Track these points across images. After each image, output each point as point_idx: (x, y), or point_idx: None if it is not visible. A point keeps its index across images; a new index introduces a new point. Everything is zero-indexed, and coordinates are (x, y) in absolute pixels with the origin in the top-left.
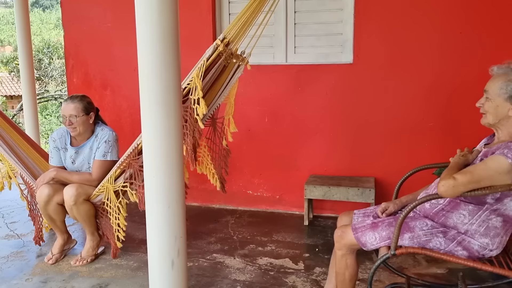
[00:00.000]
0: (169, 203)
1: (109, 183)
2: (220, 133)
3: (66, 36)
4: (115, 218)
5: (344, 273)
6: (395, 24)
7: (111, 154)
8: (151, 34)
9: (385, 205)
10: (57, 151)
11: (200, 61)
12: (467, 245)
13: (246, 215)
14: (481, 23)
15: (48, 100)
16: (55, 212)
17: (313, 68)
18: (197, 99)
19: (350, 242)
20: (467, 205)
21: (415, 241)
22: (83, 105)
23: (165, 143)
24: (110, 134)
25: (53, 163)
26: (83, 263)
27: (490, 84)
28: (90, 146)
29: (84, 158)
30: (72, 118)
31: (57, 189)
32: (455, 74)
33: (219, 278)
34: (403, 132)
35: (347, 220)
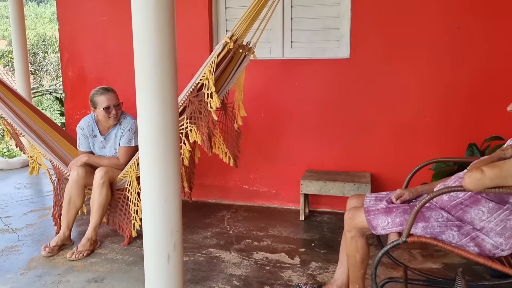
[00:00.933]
0: (165, 197)
1: (132, 169)
2: (231, 116)
3: (61, 29)
4: (134, 204)
5: (355, 255)
6: (392, 19)
7: (134, 140)
8: (148, 28)
9: (401, 192)
10: (86, 138)
11: (211, 58)
12: (480, 242)
13: (242, 210)
14: (478, 18)
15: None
16: (78, 193)
17: (309, 63)
18: (210, 93)
19: (361, 224)
20: (488, 202)
21: (428, 231)
22: (117, 93)
23: (161, 137)
24: (132, 122)
25: (82, 149)
26: (78, 256)
27: None
28: (115, 133)
29: (111, 145)
30: (117, 106)
31: (88, 171)
32: (451, 69)
33: (215, 272)
34: (399, 127)
35: (357, 202)
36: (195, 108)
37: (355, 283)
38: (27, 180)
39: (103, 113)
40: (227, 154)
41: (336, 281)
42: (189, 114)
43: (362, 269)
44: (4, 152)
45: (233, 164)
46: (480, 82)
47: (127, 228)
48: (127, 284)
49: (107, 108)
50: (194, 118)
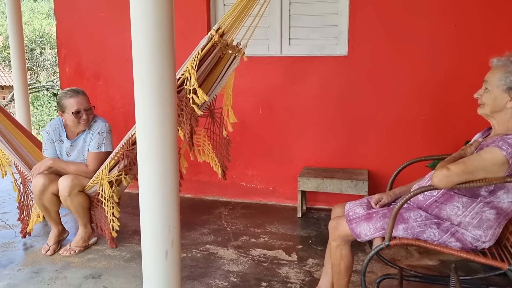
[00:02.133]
0: (163, 194)
1: (103, 174)
2: (219, 123)
3: (58, 25)
4: (109, 208)
5: (339, 264)
6: (390, 17)
7: (105, 145)
8: (146, 24)
9: (379, 196)
10: (52, 143)
11: (194, 51)
12: (460, 236)
13: (239, 207)
14: (475, 16)
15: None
16: (50, 202)
17: (307, 60)
18: (192, 89)
19: (344, 233)
20: (461, 197)
21: (409, 232)
22: (87, 96)
23: (159, 133)
24: (103, 125)
25: (47, 155)
26: (71, 253)
27: (490, 75)
28: (84, 138)
29: (78, 151)
30: (88, 111)
31: (52, 179)
32: (449, 67)
33: (212, 269)
34: (397, 124)
35: (341, 211)
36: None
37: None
38: None
39: (72, 118)
40: (216, 164)
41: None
42: None
43: (346, 277)
44: None
45: (221, 175)
46: (477, 79)
47: (106, 230)
48: (125, 280)
49: (76, 113)
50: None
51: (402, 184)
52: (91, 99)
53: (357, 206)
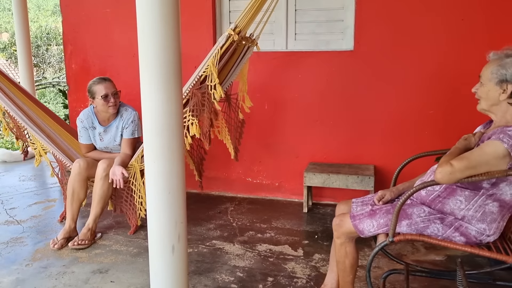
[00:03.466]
0: (170, 189)
1: (136, 162)
2: (235, 108)
3: (64, 21)
4: (138, 197)
5: (344, 261)
6: (397, 11)
7: (137, 131)
8: (152, 20)
9: (382, 193)
10: (86, 130)
11: (214, 50)
12: (464, 231)
13: (245, 202)
14: (482, 10)
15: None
16: (81, 185)
17: (313, 55)
18: (213, 85)
19: (348, 230)
20: (463, 190)
21: (412, 228)
22: (114, 83)
23: (165, 129)
24: (134, 114)
25: (82, 141)
26: (80, 243)
27: (484, 69)
28: (117, 125)
29: (111, 136)
30: (115, 95)
31: (91, 164)
32: (456, 61)
33: (218, 264)
34: (403, 119)
35: (345, 208)
36: (198, 101)
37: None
38: (31, 172)
39: (102, 102)
40: (231, 146)
41: (326, 286)
42: (192, 107)
43: (352, 274)
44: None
45: (233, 157)
46: None
47: (133, 218)
48: (132, 275)
49: (105, 97)
50: (196, 110)
51: (408, 179)
52: None
53: (361, 203)
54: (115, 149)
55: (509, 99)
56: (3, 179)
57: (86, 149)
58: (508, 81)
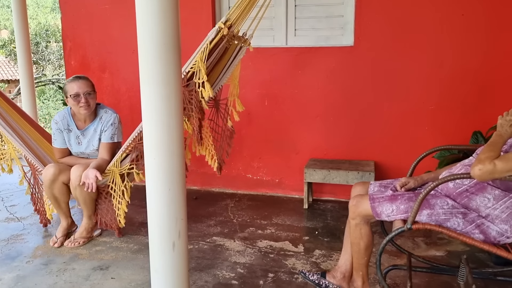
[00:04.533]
0: (170, 186)
1: (115, 167)
2: (224, 114)
3: (64, 18)
4: (118, 202)
5: (359, 243)
6: (396, 7)
7: (117, 136)
8: (151, 15)
9: (406, 180)
10: (60, 132)
11: (203, 44)
12: (485, 229)
13: (245, 199)
14: (482, 5)
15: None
16: (60, 192)
17: (313, 50)
18: (201, 82)
19: (365, 211)
20: (494, 189)
21: (433, 218)
22: (92, 82)
23: (165, 125)
24: (115, 116)
25: (56, 145)
26: (75, 244)
27: None
28: (95, 128)
29: (89, 140)
30: (88, 95)
31: (63, 169)
32: (456, 56)
33: (219, 260)
34: (403, 115)
35: (361, 190)
36: (185, 99)
37: (358, 270)
38: None
39: (72, 102)
40: (213, 157)
41: (340, 267)
42: None
43: (366, 256)
44: None
45: (216, 169)
46: (484, 70)
47: (113, 224)
48: (132, 271)
49: (76, 96)
50: (184, 109)
51: (403, 174)
52: (97, 92)
53: (380, 186)
54: (92, 155)
55: None
56: (3, 176)
57: (60, 154)
58: None
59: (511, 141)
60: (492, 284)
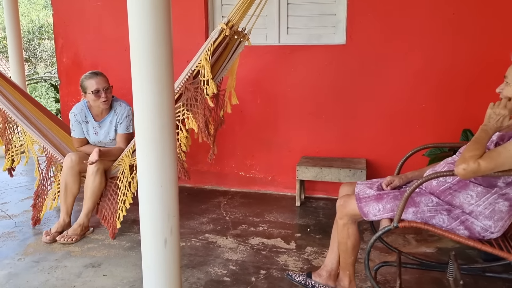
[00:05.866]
0: (162, 182)
1: (127, 157)
2: (221, 104)
3: (55, 15)
4: (123, 194)
5: (346, 242)
6: (388, 5)
7: (132, 127)
8: (143, 13)
9: (391, 179)
10: (78, 124)
11: (207, 44)
12: (469, 225)
13: (238, 196)
14: (473, 4)
15: (38, 81)
16: (74, 180)
17: (306, 49)
18: (206, 80)
19: (352, 211)
20: (476, 186)
21: (418, 216)
22: (107, 77)
23: (157, 122)
24: (128, 109)
25: (75, 135)
26: (68, 240)
27: (510, 70)
28: (110, 120)
29: (105, 131)
30: (106, 90)
31: (83, 158)
32: (447, 55)
33: (211, 257)
34: (395, 113)
35: (349, 190)
36: (191, 95)
37: (345, 269)
38: (23, 167)
39: (93, 97)
40: (214, 144)
41: (326, 266)
42: (185, 101)
43: (353, 255)
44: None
45: (212, 152)
46: (475, 68)
47: (111, 218)
48: (124, 268)
49: (96, 92)
50: (190, 105)
51: (394, 172)
52: None
53: (368, 186)
54: (109, 144)
55: None
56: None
57: (78, 144)
58: None
59: (495, 138)
60: (482, 280)
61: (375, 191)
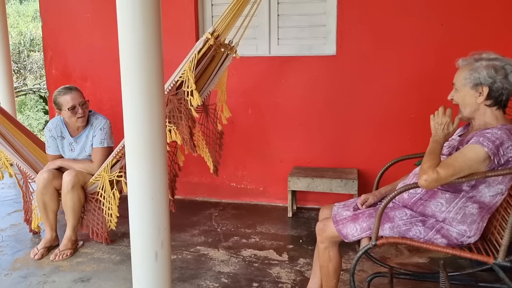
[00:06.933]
0: (153, 195)
1: (105, 172)
2: (213, 118)
3: (44, 27)
4: (108, 208)
5: (327, 266)
6: (377, 16)
7: (107, 140)
8: (133, 24)
9: (365, 197)
10: (54, 140)
11: (191, 54)
12: (445, 232)
13: (229, 208)
14: (461, 15)
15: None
16: (51, 198)
17: (296, 59)
18: (190, 91)
19: (332, 234)
20: (444, 193)
21: (395, 231)
22: (81, 91)
23: (147, 134)
24: (104, 121)
25: (50, 152)
26: (63, 257)
27: (456, 76)
28: (86, 134)
29: (81, 147)
30: (83, 105)
31: (56, 175)
32: (436, 65)
33: (203, 270)
34: (385, 123)
35: (328, 213)
36: (174, 107)
37: None
38: (11, 180)
39: (69, 114)
40: (209, 159)
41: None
42: (168, 113)
43: (335, 278)
44: None
45: (213, 171)
46: None
47: (100, 232)
48: (114, 283)
49: (72, 108)
50: (174, 117)
51: (390, 182)
52: None
53: (344, 207)
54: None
55: (486, 101)
56: None
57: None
58: (483, 84)
59: (451, 143)
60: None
61: (351, 211)
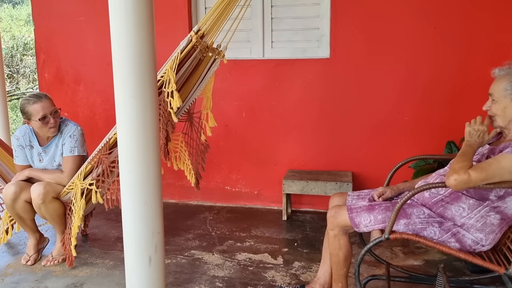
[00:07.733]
0: (146, 199)
1: (78, 180)
2: (197, 128)
3: (37, 30)
4: (74, 221)
5: (338, 254)
6: (371, 19)
7: (77, 148)
8: (126, 28)
9: (383, 190)
10: (22, 149)
11: (174, 53)
12: (461, 238)
13: (224, 211)
14: (454, 18)
15: (20, 97)
16: (23, 210)
17: (290, 63)
18: (170, 92)
19: (343, 222)
20: (468, 199)
21: (410, 228)
22: (52, 99)
23: (141, 137)
24: (74, 128)
25: (18, 162)
26: (55, 263)
27: (494, 86)
28: (56, 143)
29: (50, 156)
30: (54, 114)
31: (24, 187)
32: (430, 68)
33: (197, 274)
34: (379, 126)
35: (339, 200)
36: None
37: (338, 282)
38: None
39: (39, 125)
40: (191, 172)
41: (319, 279)
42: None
43: (345, 267)
44: None
45: (194, 184)
46: (457, 81)
47: (67, 244)
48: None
49: (43, 118)
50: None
51: (380, 184)
52: (72, 105)
53: (357, 196)
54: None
55: None
56: None
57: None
58: None
59: (481, 150)
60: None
61: (367, 202)
